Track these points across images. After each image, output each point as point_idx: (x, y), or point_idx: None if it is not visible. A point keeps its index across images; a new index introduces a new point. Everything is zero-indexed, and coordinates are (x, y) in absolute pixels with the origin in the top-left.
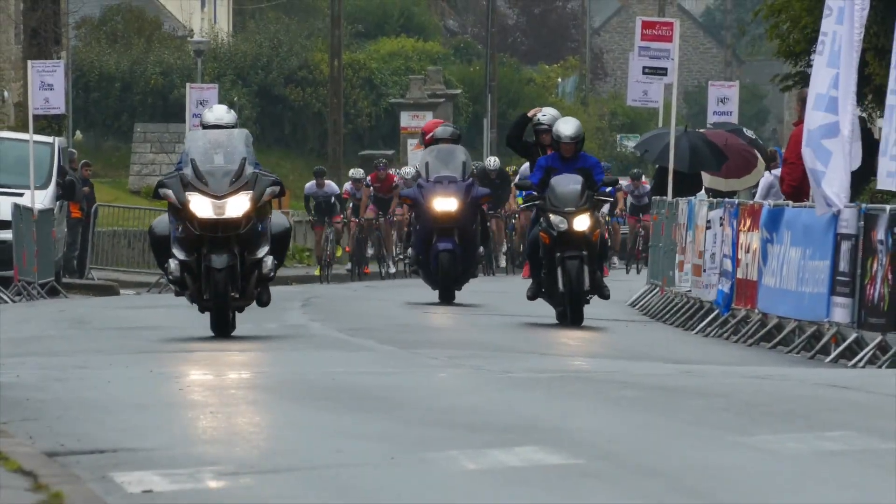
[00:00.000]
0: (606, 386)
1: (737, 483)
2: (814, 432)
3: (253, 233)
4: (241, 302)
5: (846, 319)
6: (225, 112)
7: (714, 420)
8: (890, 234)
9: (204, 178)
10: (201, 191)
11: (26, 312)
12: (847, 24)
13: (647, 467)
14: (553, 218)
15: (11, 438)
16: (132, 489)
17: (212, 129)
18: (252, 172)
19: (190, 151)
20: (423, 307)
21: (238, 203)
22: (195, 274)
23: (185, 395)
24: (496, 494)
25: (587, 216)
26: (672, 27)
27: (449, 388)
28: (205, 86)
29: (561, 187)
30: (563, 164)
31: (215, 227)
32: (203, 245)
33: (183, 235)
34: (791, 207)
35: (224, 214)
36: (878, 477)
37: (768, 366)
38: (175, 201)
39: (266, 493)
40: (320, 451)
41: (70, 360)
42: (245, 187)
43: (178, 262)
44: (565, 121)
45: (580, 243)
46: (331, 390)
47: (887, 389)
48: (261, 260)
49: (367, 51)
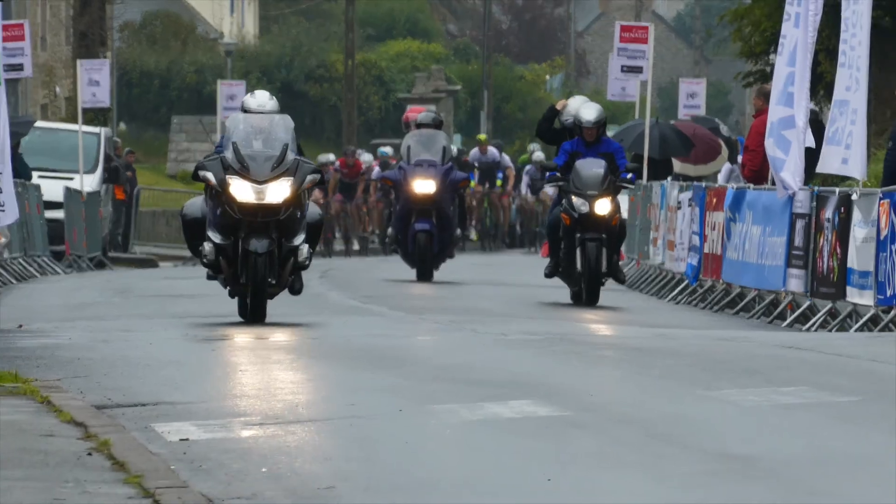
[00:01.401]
0: (589, 347)
1: (703, 431)
2: (771, 387)
3: (291, 219)
4: (276, 289)
5: (800, 289)
6: (267, 98)
7: (684, 376)
8: (837, 213)
9: (245, 162)
10: (242, 175)
11: (76, 282)
12: (802, 28)
13: (625, 417)
14: (575, 200)
15: (64, 393)
16: (170, 438)
17: (254, 115)
18: (293, 159)
19: (231, 135)
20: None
21: (279, 189)
22: (230, 258)
23: (217, 356)
24: (492, 442)
25: (609, 200)
26: (647, 31)
27: (451, 349)
28: (233, 82)
29: (585, 170)
30: (587, 148)
31: (255, 211)
32: (240, 229)
33: (221, 219)
34: (752, 190)
35: (264, 200)
36: (827, 426)
37: (732, 329)
38: (215, 184)
39: (289, 441)
40: (337, 404)
41: (115, 324)
42: (286, 174)
43: (214, 246)
44: (588, 106)
45: (600, 226)
46: (347, 351)
47: (836, 350)
48: (297, 247)
49: (377, 51)
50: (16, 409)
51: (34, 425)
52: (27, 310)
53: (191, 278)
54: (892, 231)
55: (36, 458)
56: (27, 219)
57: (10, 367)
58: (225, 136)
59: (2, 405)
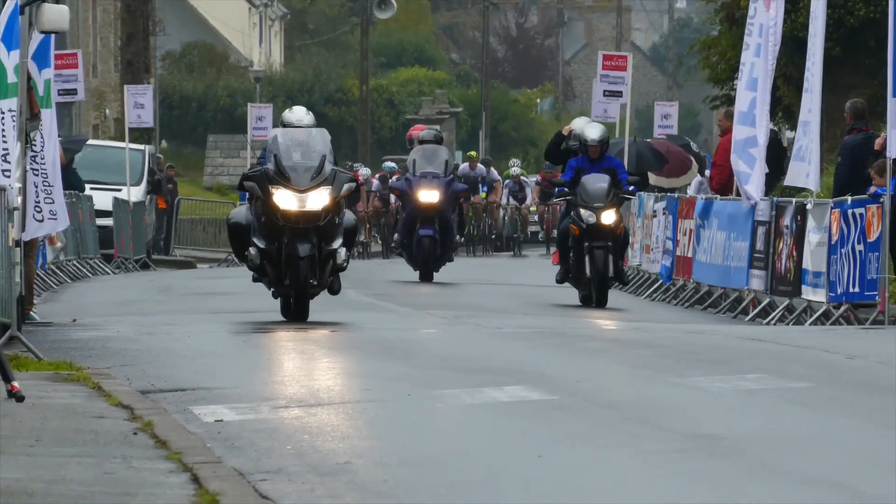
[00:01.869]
0: (575, 339)
1: (675, 413)
2: (735, 374)
3: (330, 225)
4: (317, 289)
5: (761, 287)
6: (304, 113)
7: (658, 365)
8: (794, 221)
9: (287, 173)
10: (284, 185)
11: (124, 282)
12: (763, 57)
13: (606, 401)
14: (583, 212)
15: (113, 380)
16: (206, 419)
17: (293, 129)
18: (331, 169)
19: (273, 148)
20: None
21: (319, 197)
22: (274, 262)
23: (249, 347)
24: (490, 423)
25: (613, 211)
26: (626, 60)
27: (453, 341)
28: (262, 105)
29: (591, 185)
30: (591, 164)
31: (297, 218)
32: (283, 235)
33: (265, 225)
34: (718, 200)
35: (305, 207)
36: (786, 409)
37: (700, 323)
38: (259, 194)
39: (311, 422)
40: (353, 389)
41: (158, 319)
42: (325, 183)
43: (259, 250)
44: (592, 126)
45: (606, 235)
46: (361, 342)
47: (792, 342)
48: (336, 251)
49: (388, 78)
50: (71, 393)
51: (87, 408)
52: (80, 306)
53: (225, 278)
54: (841, 236)
55: (88, 437)
56: (80, 226)
57: (66, 356)
58: (267, 150)
59: (58, 390)
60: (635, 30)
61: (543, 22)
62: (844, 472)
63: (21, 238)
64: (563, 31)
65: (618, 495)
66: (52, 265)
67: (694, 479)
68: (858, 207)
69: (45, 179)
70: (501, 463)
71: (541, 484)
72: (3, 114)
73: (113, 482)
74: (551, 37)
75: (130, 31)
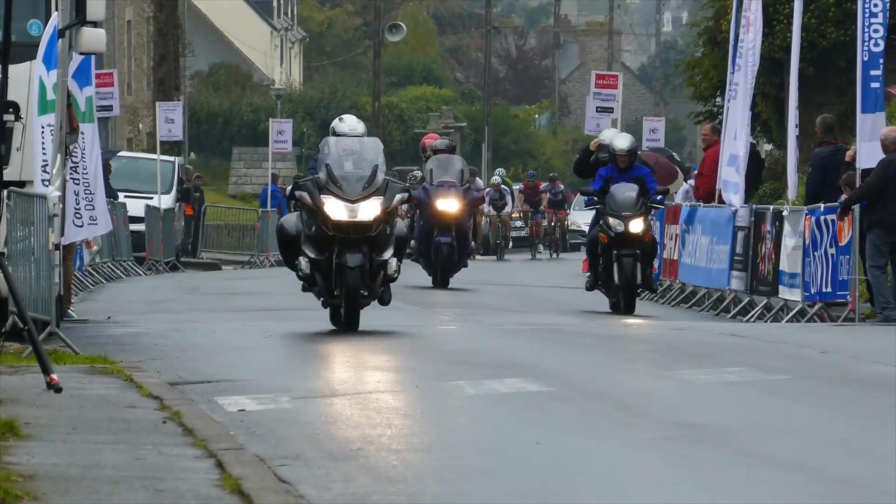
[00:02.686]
0: (570, 335)
1: (662, 403)
2: (718, 368)
3: (382, 235)
4: (368, 300)
5: (741, 287)
6: (356, 122)
7: (647, 359)
8: (773, 226)
9: (339, 182)
10: (336, 194)
11: (154, 282)
12: (742, 76)
13: (598, 393)
14: (612, 220)
15: (144, 372)
16: (230, 409)
17: (345, 138)
18: (383, 179)
19: (324, 157)
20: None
21: (370, 207)
22: (324, 272)
23: (268, 342)
24: (491, 412)
25: (642, 220)
26: (617, 78)
27: (457, 336)
28: (282, 120)
29: (619, 194)
30: (620, 174)
31: (348, 228)
32: (333, 245)
33: (315, 235)
34: (702, 207)
35: (357, 217)
36: (765, 400)
37: (686, 321)
38: (310, 203)
39: (327, 411)
40: (365, 381)
41: (186, 316)
42: (377, 193)
43: (309, 260)
44: (620, 136)
45: (635, 243)
46: (372, 337)
47: (770, 338)
48: (386, 261)
49: (398, 95)
50: (105, 385)
51: (120, 399)
52: (114, 304)
53: (248, 279)
54: (815, 241)
55: (121, 425)
56: (115, 231)
57: (101, 351)
58: (318, 159)
59: (94, 382)
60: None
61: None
62: (818, 458)
63: (60, 242)
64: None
65: (609, 479)
66: (89, 267)
67: (679, 464)
68: (830, 214)
69: (87, 188)
70: (502, 449)
71: (538, 468)
72: (43, 128)
73: (144, 467)
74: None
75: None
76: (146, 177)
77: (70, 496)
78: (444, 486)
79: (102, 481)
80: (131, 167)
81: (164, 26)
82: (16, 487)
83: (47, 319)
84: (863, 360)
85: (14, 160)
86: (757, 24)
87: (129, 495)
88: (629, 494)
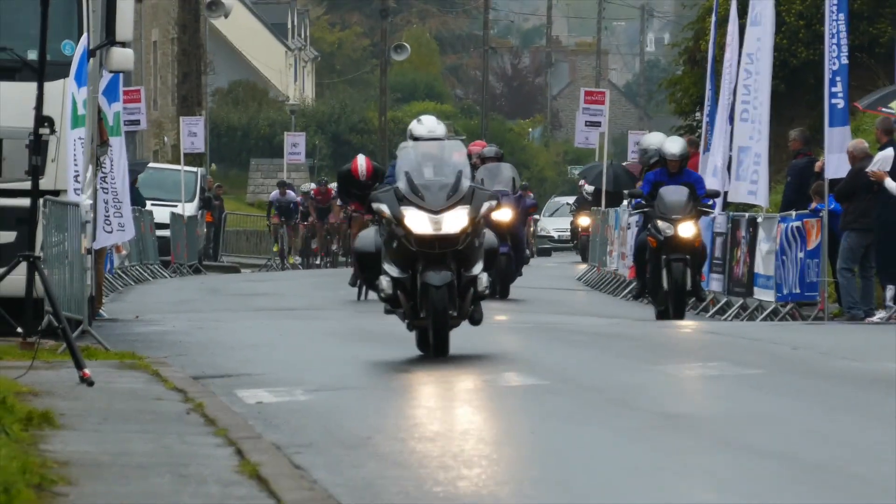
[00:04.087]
0: (564, 332)
1: (648, 396)
2: (700, 363)
3: (470, 249)
4: (457, 320)
5: (720, 288)
6: (436, 123)
7: (634, 354)
8: (748, 232)
9: (420, 191)
10: (417, 205)
11: (179, 284)
12: (722, 93)
13: (590, 386)
14: (661, 224)
15: (170, 367)
16: (248, 401)
17: (424, 142)
18: (469, 186)
19: (403, 165)
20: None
21: (455, 218)
22: (408, 291)
23: (284, 339)
24: (490, 403)
25: (692, 223)
26: (604, 95)
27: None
28: (296, 134)
29: (669, 197)
30: (670, 178)
31: (432, 242)
32: (417, 261)
33: (397, 251)
34: None
35: (441, 230)
36: (742, 392)
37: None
38: (389, 216)
39: (339, 403)
40: (373, 375)
41: (208, 315)
42: (462, 202)
43: (391, 279)
44: (672, 141)
45: (685, 248)
46: (379, 335)
47: (747, 335)
48: (476, 277)
49: (403, 110)
50: (134, 379)
51: (147, 392)
52: (142, 304)
53: (265, 281)
54: (786, 246)
55: (148, 416)
56: (142, 236)
57: (129, 347)
58: (395, 166)
59: (123, 376)
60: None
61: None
62: (791, 446)
63: (92, 247)
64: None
65: (599, 464)
66: (118, 270)
67: (664, 452)
68: (800, 221)
69: (116, 197)
70: (500, 437)
71: (533, 456)
72: (75, 141)
73: (169, 454)
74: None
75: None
76: (171, 186)
77: (101, 481)
78: (446, 472)
79: (131, 467)
80: (158, 177)
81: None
82: (52, 473)
83: (80, 318)
84: (832, 356)
85: (49, 171)
86: (734, 45)
87: (155, 480)
88: (617, 479)
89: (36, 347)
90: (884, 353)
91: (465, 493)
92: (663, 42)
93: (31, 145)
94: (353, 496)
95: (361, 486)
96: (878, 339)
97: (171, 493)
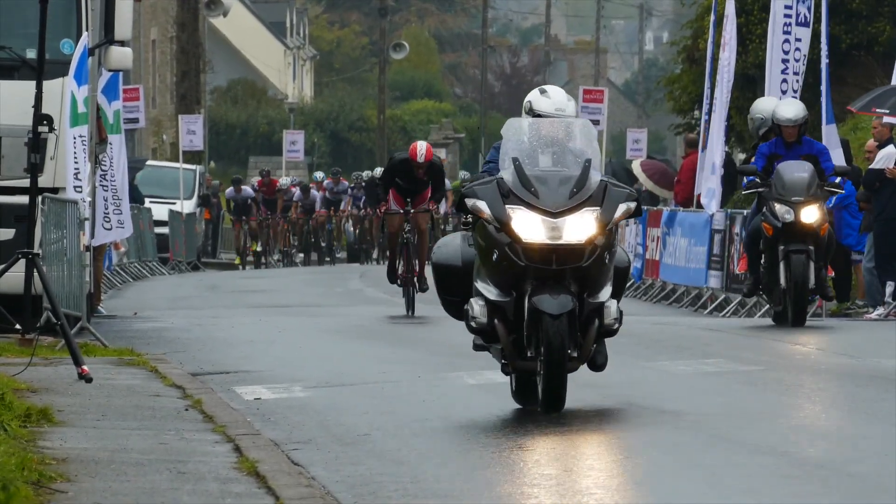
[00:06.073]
0: None
1: (645, 392)
2: (696, 359)
3: (597, 266)
4: (576, 363)
5: (718, 285)
6: (565, 99)
7: (631, 351)
8: (743, 229)
9: (533, 186)
10: (529, 204)
11: (177, 281)
12: (719, 92)
13: (586, 383)
14: (778, 207)
15: (168, 364)
16: (247, 397)
17: (544, 119)
18: (599, 181)
19: (510, 148)
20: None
21: (581, 223)
22: (509, 321)
23: (282, 336)
24: (487, 400)
25: (816, 207)
26: (603, 93)
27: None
28: (295, 132)
29: (789, 174)
30: (787, 150)
31: (549, 255)
32: (525, 281)
33: (498, 266)
34: (681, 212)
35: (561, 239)
36: (739, 388)
37: (666, 316)
38: (490, 217)
39: (336, 400)
40: (371, 372)
41: (206, 312)
42: (589, 202)
43: (486, 304)
44: (786, 103)
45: (807, 237)
46: (378, 332)
47: (745, 331)
48: (603, 305)
49: (402, 109)
50: (132, 375)
51: (145, 388)
52: (140, 301)
53: (262, 278)
54: None
55: (146, 413)
56: (141, 233)
57: (128, 344)
58: (501, 148)
59: (121, 373)
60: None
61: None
62: (787, 442)
63: (90, 244)
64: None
65: (596, 460)
66: (117, 267)
67: (661, 448)
68: None
69: (115, 194)
70: (498, 433)
71: (533, 450)
72: (74, 139)
73: (168, 451)
74: (540, 74)
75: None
76: (169, 184)
77: (100, 478)
78: (444, 469)
79: (129, 464)
80: (157, 175)
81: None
82: (50, 469)
83: (79, 315)
84: (829, 353)
85: (48, 168)
86: (732, 44)
87: (154, 477)
88: (615, 478)
89: (34, 344)
90: (882, 350)
91: (465, 491)
92: (662, 41)
93: (29, 143)
94: (351, 493)
95: (359, 483)
96: (877, 336)
97: (169, 490)
